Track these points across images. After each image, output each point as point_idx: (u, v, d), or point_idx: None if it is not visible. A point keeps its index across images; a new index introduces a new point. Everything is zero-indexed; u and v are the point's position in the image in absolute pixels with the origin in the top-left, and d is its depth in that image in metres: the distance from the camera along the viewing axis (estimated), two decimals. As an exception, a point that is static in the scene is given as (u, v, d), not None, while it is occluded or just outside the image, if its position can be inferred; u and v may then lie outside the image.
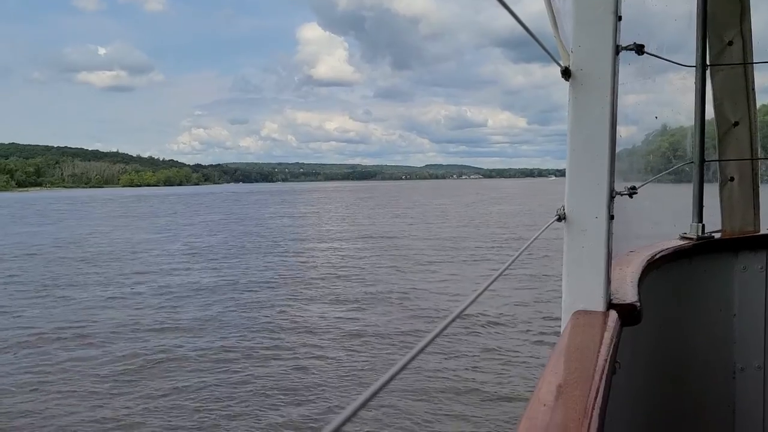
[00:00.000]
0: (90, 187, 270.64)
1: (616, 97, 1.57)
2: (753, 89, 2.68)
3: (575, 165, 1.57)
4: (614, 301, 1.61)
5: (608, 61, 1.52)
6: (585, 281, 1.57)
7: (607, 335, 1.37)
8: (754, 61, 2.65)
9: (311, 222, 41.11)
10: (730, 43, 2.67)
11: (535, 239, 1.50)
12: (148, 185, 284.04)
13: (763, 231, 2.67)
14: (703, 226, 2.58)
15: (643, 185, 2.01)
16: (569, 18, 1.59)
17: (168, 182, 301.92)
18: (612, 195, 1.58)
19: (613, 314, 1.54)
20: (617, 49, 1.54)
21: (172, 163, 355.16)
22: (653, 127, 2.81)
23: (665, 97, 2.97)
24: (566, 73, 1.57)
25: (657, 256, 2.23)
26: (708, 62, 2.64)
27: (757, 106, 2.67)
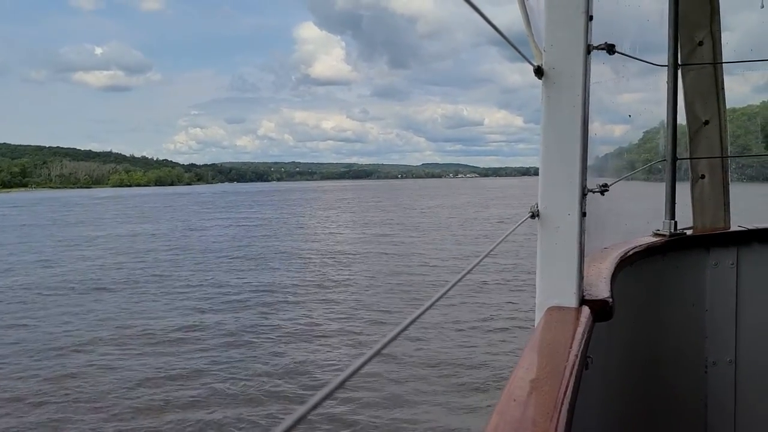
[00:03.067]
0: (78, 187, 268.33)
1: (588, 96, 1.60)
2: (722, 89, 2.72)
3: (548, 162, 1.61)
4: (587, 297, 1.64)
5: (580, 60, 1.56)
6: (558, 277, 1.60)
7: (579, 331, 1.39)
8: (724, 61, 2.75)
9: (241, 235, 32.59)
10: (701, 44, 2.73)
11: (507, 236, 1.53)
12: (138, 185, 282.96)
13: (733, 228, 2.70)
14: (676, 222, 2.61)
15: (614, 183, 2.07)
16: (542, 17, 1.62)
17: (159, 182, 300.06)
18: (584, 192, 1.61)
19: (586, 310, 1.56)
20: (588, 49, 1.58)
21: (166, 163, 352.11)
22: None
23: (641, 96, 3.07)
24: (539, 72, 1.60)
25: (630, 253, 2.25)
26: (679, 62, 2.72)
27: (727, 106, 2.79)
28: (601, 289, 1.71)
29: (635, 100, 2.91)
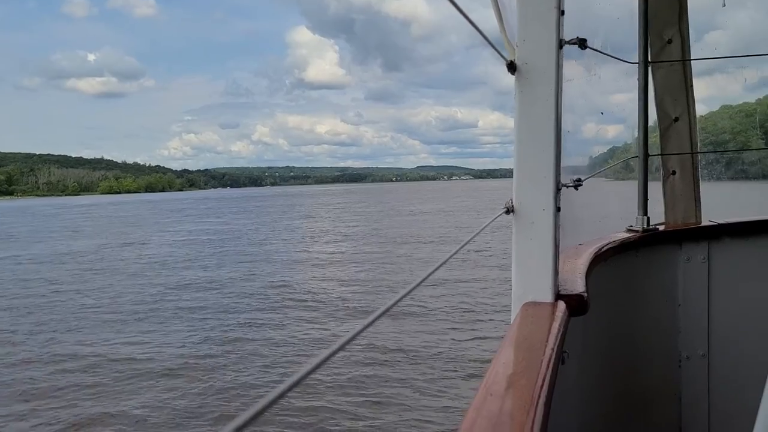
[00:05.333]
0: (66, 195, 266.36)
1: (561, 91, 1.60)
2: (691, 86, 2.72)
3: (522, 158, 1.61)
4: (562, 292, 1.64)
5: (552, 55, 1.56)
6: (534, 273, 1.60)
7: (555, 325, 1.39)
8: (692, 58, 2.81)
9: (177, 255, 26.35)
10: (670, 41, 2.75)
11: (481, 231, 1.51)
12: (129, 192, 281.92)
13: (704, 222, 2.72)
14: (648, 218, 2.61)
15: (588, 178, 2.09)
16: (515, 13, 1.62)
17: (150, 188, 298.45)
18: (558, 187, 1.61)
19: (562, 305, 1.56)
20: (560, 43, 1.58)
21: (158, 169, 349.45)
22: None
23: (611, 93, 3.13)
24: (512, 67, 1.60)
25: (604, 249, 2.26)
26: (650, 59, 2.78)
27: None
28: (577, 285, 1.72)
29: (628, 99, 2.97)
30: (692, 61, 2.75)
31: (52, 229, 48.45)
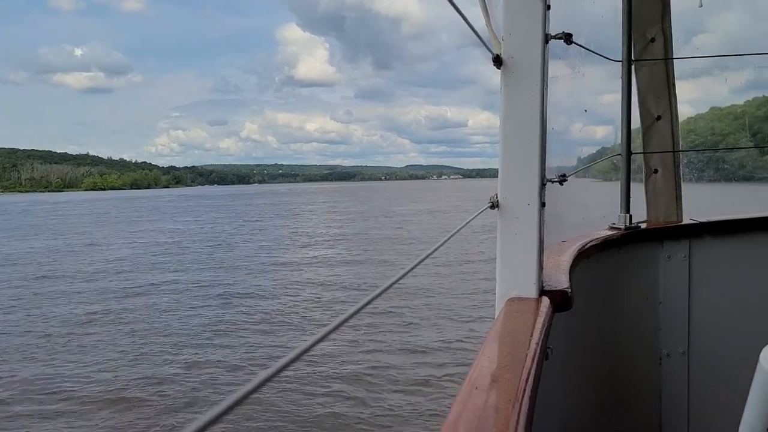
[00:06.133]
0: (49, 191, 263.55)
1: (546, 85, 1.59)
2: (674, 84, 2.72)
3: (507, 152, 1.60)
4: (546, 288, 1.63)
5: (538, 49, 1.55)
6: (518, 268, 1.60)
7: (540, 321, 1.39)
8: (675, 57, 2.83)
9: (129, 263, 22.89)
10: (653, 40, 2.76)
11: (465, 225, 1.49)
12: (113, 188, 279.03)
13: (685, 221, 2.73)
14: (631, 216, 2.61)
15: (573, 173, 2.10)
16: (501, 7, 1.62)
17: (135, 185, 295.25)
18: (543, 182, 1.60)
19: (546, 300, 1.56)
20: (546, 38, 1.57)
21: (144, 166, 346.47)
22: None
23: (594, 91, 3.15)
24: (498, 61, 1.59)
25: (587, 246, 2.25)
26: (633, 57, 2.79)
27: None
28: (561, 281, 1.72)
29: (614, 99, 2.99)
30: (675, 61, 2.77)
31: (13, 227, 45.65)
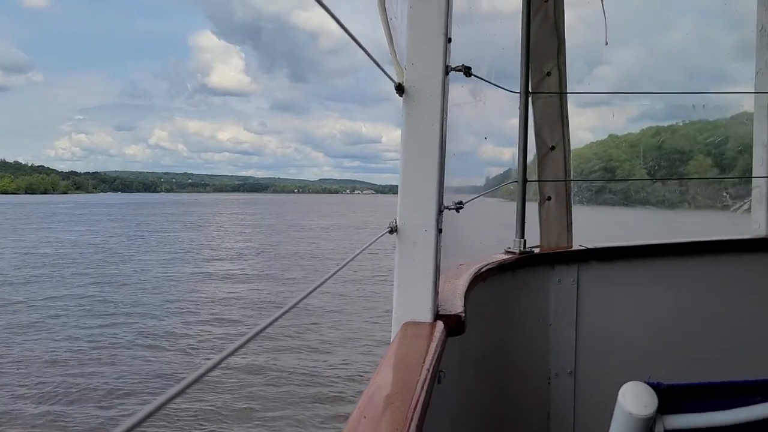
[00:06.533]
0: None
1: (446, 115, 1.64)
2: (567, 116, 2.91)
3: (407, 179, 1.64)
4: (441, 312, 1.66)
5: (438, 80, 1.60)
6: (414, 292, 1.62)
7: (432, 345, 1.41)
8: (568, 92, 3.01)
9: None
10: (549, 74, 2.94)
11: (361, 252, 1.49)
12: (6, 192, 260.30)
13: (575, 247, 2.88)
14: (525, 241, 2.74)
15: (469, 201, 2.18)
16: (405, 36, 1.66)
17: (30, 190, 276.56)
18: (440, 209, 1.64)
19: (440, 325, 1.58)
20: (447, 69, 1.62)
21: (41, 170, 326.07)
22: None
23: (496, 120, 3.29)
24: (400, 89, 1.63)
25: (483, 270, 2.32)
26: (530, 90, 2.96)
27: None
28: (455, 305, 1.75)
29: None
30: (569, 95, 2.94)
31: None
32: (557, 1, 2.91)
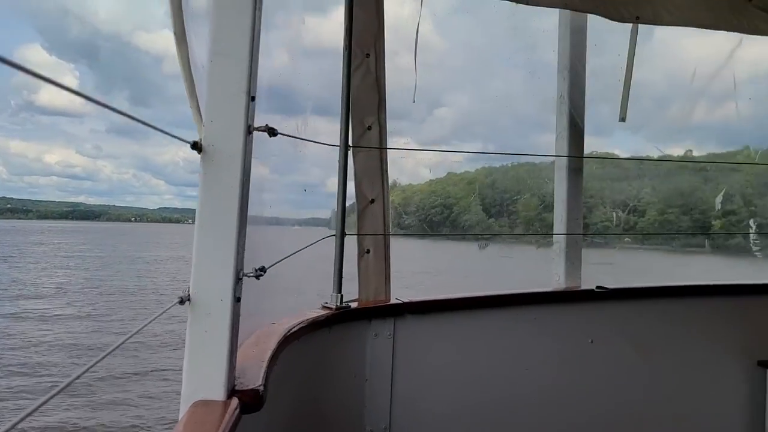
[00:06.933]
0: None
1: (248, 177, 1.56)
2: (386, 171, 3.01)
3: (202, 244, 1.53)
4: (238, 387, 1.57)
5: (239, 140, 1.52)
6: (206, 368, 1.51)
7: (222, 426, 1.32)
8: (388, 147, 3.07)
9: None
10: (369, 128, 3.01)
11: (146, 326, 1.38)
12: None
13: (393, 300, 2.90)
14: (342, 296, 2.70)
15: (273, 265, 2.07)
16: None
17: None
18: (239, 276, 1.55)
19: (234, 402, 1.49)
20: (249, 129, 1.55)
21: None
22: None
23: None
24: (197, 147, 1.52)
25: (296, 328, 2.24)
26: (350, 144, 2.97)
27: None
28: (255, 376, 1.66)
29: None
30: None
31: None
32: (379, 56, 2.97)
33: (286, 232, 3.10)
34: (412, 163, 3.67)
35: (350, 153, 2.90)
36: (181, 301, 1.53)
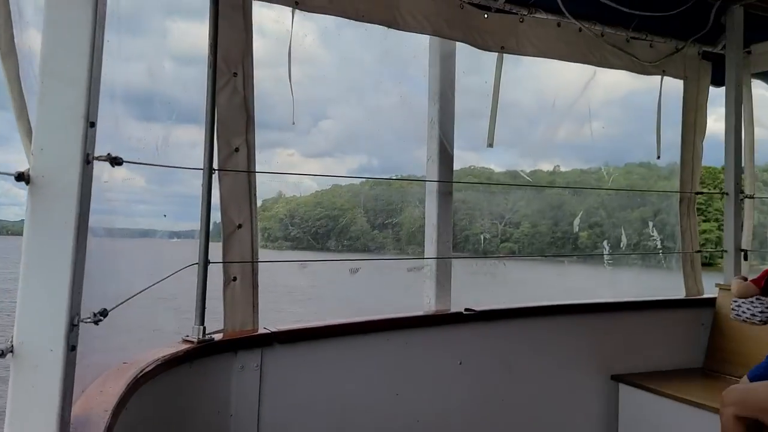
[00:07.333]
0: None
1: (86, 211, 1.42)
2: (255, 194, 2.84)
3: (29, 286, 1.36)
4: None
5: (75, 171, 1.38)
6: (30, 427, 1.35)
7: None
8: (257, 170, 2.96)
9: None
10: (237, 150, 2.90)
11: None
12: None
13: (261, 330, 2.79)
14: (204, 328, 2.55)
15: (118, 305, 1.86)
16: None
17: None
18: (74, 323, 1.40)
19: None
20: (88, 158, 1.41)
21: None
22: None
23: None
24: (24, 178, 1.35)
25: (151, 366, 2.09)
26: (216, 166, 2.81)
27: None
28: (94, 429, 1.53)
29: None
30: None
31: None
32: (247, 75, 2.86)
33: (162, 246, 2.92)
34: (297, 176, 3.61)
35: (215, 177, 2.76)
36: (2, 354, 1.35)
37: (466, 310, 3.31)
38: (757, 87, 4.49)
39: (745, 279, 3.36)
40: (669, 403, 3.27)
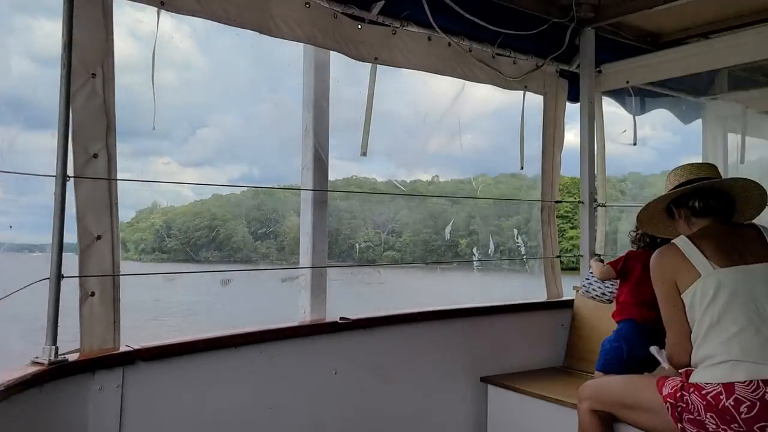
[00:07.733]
0: None
1: None
2: (116, 204, 2.67)
3: None
4: None
5: None
6: None
7: None
8: (118, 178, 2.79)
9: None
10: (96, 156, 2.71)
11: None
12: None
13: (123, 348, 2.63)
14: (57, 348, 2.38)
15: None
16: None
17: None
18: None
19: None
20: None
21: None
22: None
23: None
24: None
25: None
26: (72, 174, 2.59)
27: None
28: None
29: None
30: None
31: None
32: (107, 77, 2.70)
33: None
34: (174, 186, 3.43)
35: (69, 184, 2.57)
36: None
37: (341, 318, 3.31)
38: (608, 104, 4.91)
39: (602, 260, 3.65)
40: (532, 401, 3.47)
